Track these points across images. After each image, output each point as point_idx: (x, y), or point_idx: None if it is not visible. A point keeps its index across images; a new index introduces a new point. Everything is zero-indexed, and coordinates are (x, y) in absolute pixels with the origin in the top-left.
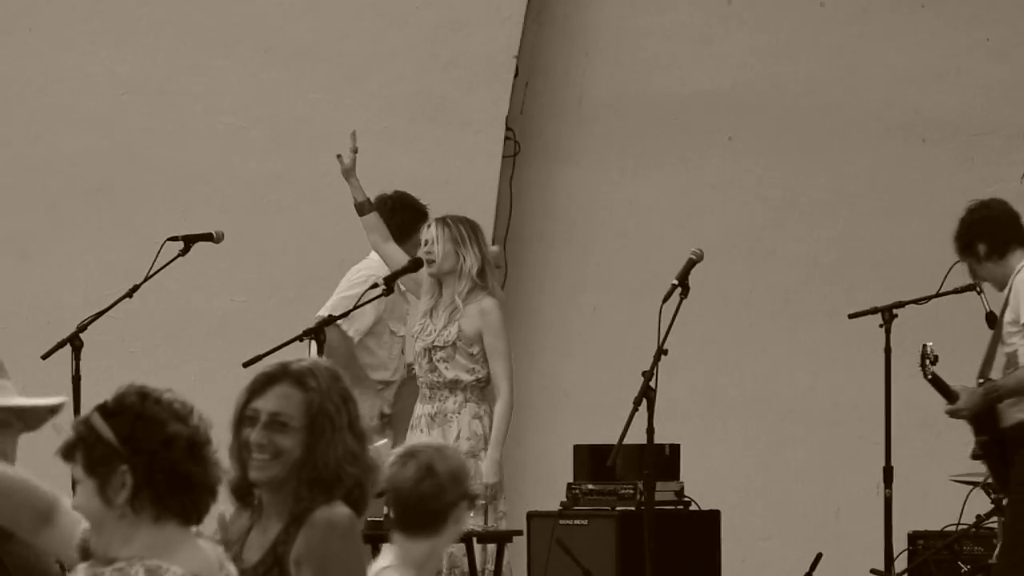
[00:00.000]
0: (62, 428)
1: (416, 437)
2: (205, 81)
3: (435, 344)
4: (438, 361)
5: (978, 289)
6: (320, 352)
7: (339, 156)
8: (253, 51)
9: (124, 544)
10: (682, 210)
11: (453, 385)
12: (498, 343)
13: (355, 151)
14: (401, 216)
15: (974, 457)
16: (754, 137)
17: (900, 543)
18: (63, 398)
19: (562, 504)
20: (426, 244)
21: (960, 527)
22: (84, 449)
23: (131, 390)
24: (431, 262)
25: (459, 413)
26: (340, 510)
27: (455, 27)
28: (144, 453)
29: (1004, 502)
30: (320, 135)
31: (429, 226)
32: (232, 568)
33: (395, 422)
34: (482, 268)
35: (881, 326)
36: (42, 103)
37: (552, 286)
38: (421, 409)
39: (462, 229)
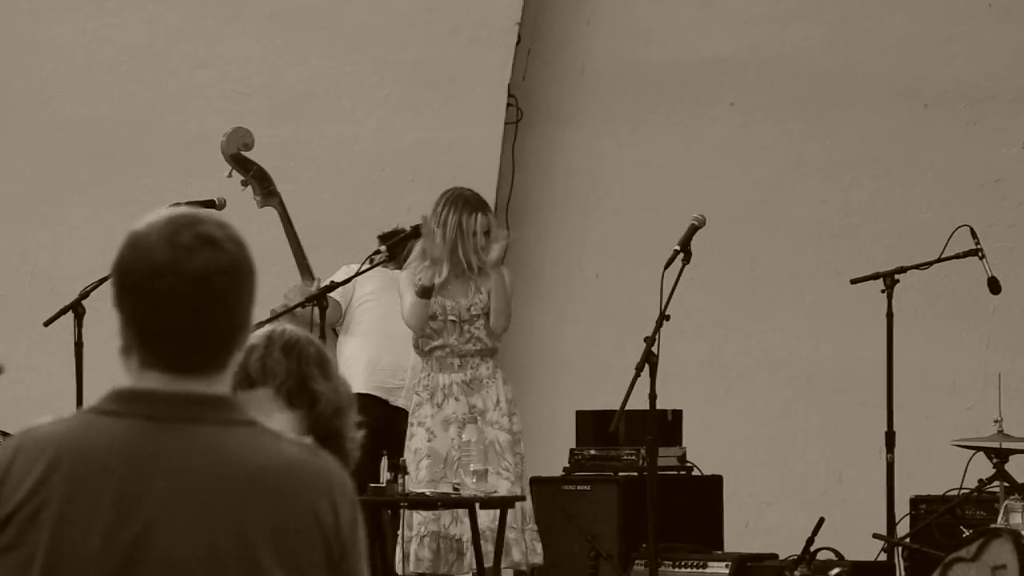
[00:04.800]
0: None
1: (451, 405)
2: (208, 48)
3: (473, 314)
4: (476, 330)
5: (980, 254)
6: (322, 318)
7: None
8: (256, 18)
9: None
10: (684, 176)
11: (484, 352)
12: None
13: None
14: None
15: None
16: (756, 103)
17: (902, 507)
18: None
19: (565, 470)
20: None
21: (962, 491)
22: None
23: None
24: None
25: (494, 378)
26: None
27: None
28: None
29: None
30: (323, 102)
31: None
32: None
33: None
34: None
35: (883, 291)
36: (45, 70)
37: (554, 252)
38: (450, 378)
39: (440, 212)
